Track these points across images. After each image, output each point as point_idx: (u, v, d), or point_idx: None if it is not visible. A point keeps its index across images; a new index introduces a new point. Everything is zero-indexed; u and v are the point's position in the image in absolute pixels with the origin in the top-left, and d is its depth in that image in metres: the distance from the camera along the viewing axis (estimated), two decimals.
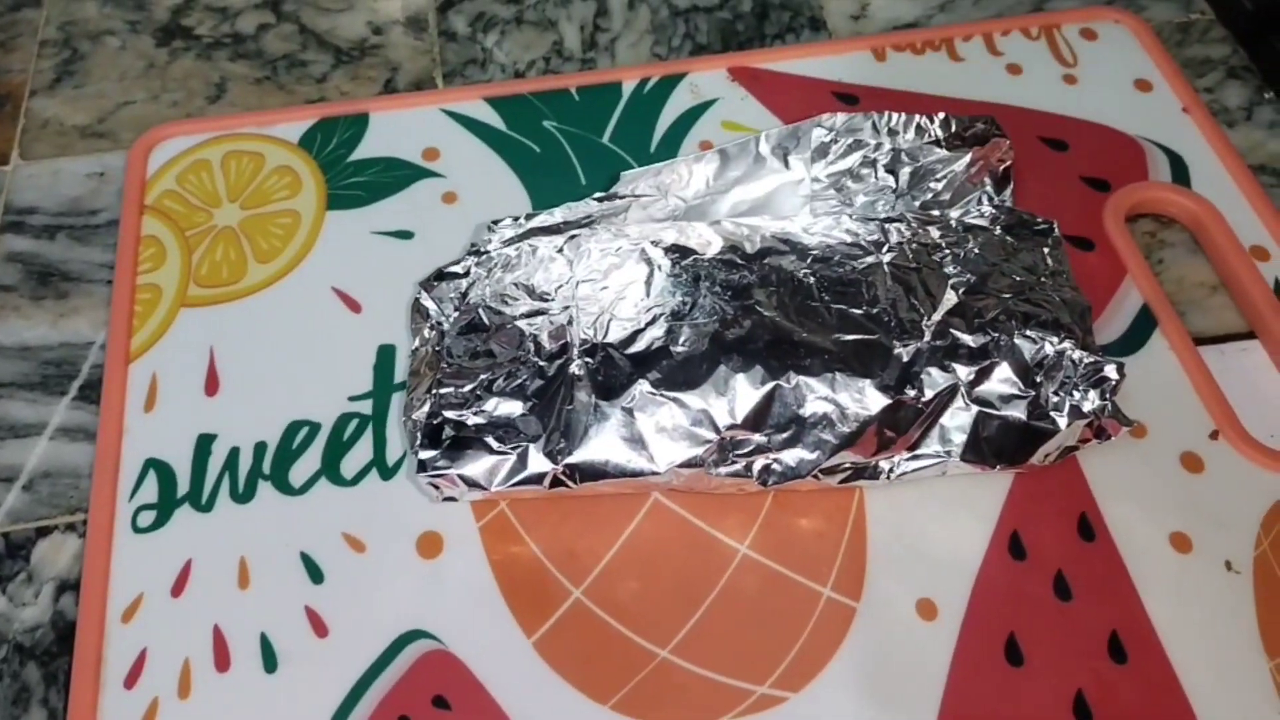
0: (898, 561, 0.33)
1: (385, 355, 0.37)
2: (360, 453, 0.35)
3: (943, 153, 0.39)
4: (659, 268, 0.36)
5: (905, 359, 0.33)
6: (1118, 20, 0.47)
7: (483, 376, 0.33)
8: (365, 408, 0.36)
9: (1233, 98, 0.46)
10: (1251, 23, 0.48)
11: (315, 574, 0.33)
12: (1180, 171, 0.42)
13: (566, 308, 0.35)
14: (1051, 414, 0.33)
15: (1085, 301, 0.36)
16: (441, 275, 0.36)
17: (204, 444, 0.35)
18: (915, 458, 0.33)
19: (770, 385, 0.33)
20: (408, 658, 0.31)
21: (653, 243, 0.37)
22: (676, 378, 0.33)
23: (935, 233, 0.37)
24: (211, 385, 0.37)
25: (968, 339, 0.34)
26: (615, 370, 0.33)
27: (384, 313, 0.38)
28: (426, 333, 0.35)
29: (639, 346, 0.34)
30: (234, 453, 0.35)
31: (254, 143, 0.43)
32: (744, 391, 0.32)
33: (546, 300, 0.35)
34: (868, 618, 0.32)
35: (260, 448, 0.35)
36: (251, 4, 0.49)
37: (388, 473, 0.35)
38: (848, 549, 0.33)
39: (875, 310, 0.35)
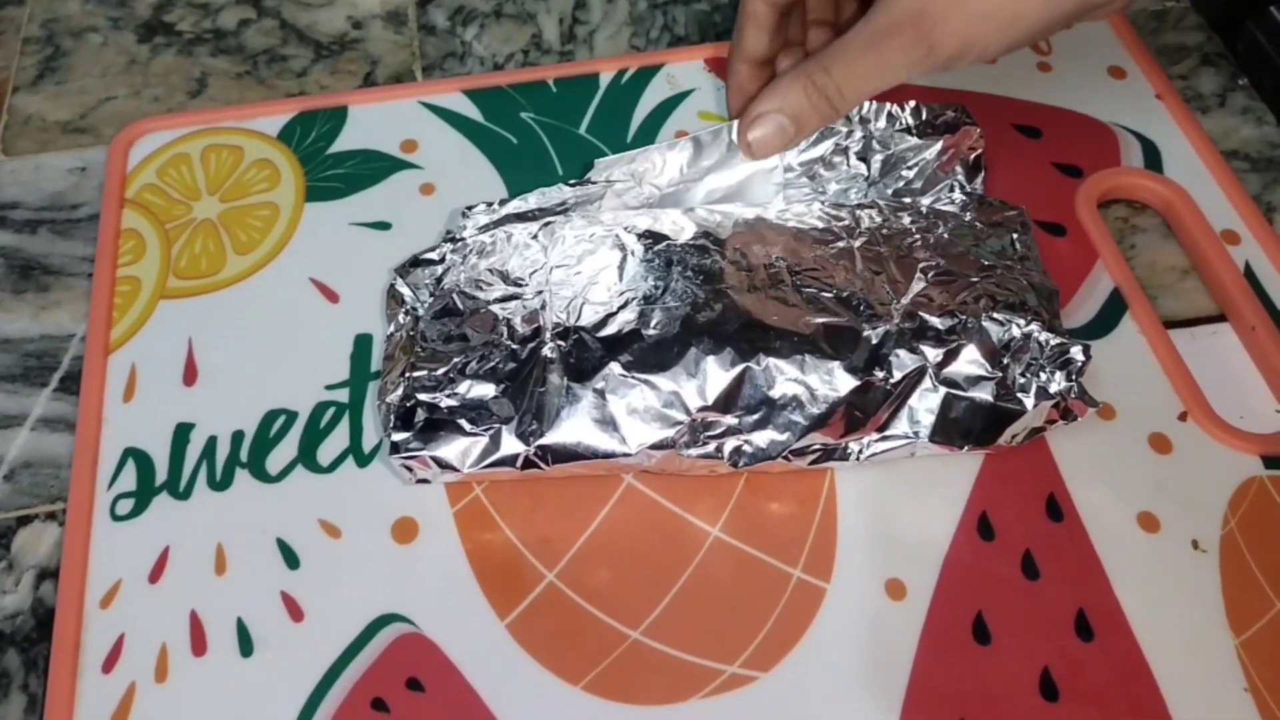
0: (867, 543, 0.33)
1: (362, 344, 0.37)
2: (337, 440, 0.35)
3: (914, 141, 0.39)
4: (632, 253, 0.36)
5: (874, 341, 0.34)
6: None
7: (456, 360, 0.34)
8: (342, 396, 0.36)
9: (1206, 84, 0.46)
10: (1225, 10, 0.48)
11: (291, 560, 0.33)
12: (1153, 157, 0.42)
13: (540, 292, 0.35)
14: (1018, 395, 0.33)
15: (1053, 285, 0.36)
16: (417, 262, 0.37)
17: (182, 433, 0.36)
18: (884, 439, 0.33)
19: (740, 367, 0.33)
20: (382, 641, 0.32)
21: (626, 229, 0.37)
22: (648, 360, 0.33)
23: (906, 218, 0.38)
24: (190, 375, 0.37)
25: (936, 321, 0.34)
26: (587, 353, 0.33)
27: (361, 303, 0.38)
28: (401, 318, 0.36)
29: (611, 329, 0.34)
30: (212, 441, 0.35)
31: (234, 136, 0.43)
32: (714, 373, 0.33)
33: (520, 285, 0.36)
34: (837, 598, 0.32)
35: (238, 436, 0.36)
36: (233, 0, 0.49)
37: (364, 460, 0.35)
38: (818, 531, 0.34)
39: (845, 294, 0.35)
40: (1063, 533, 0.33)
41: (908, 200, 0.39)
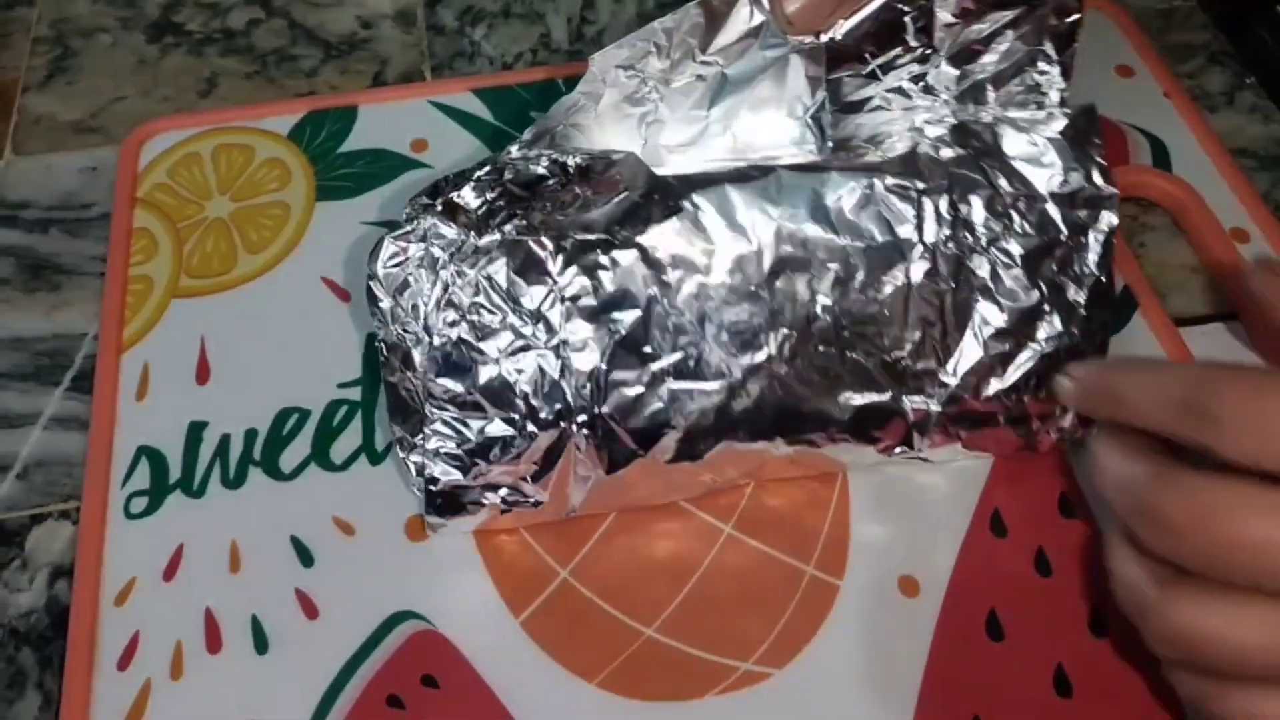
0: (880, 540, 0.33)
1: (374, 343, 0.37)
2: (349, 438, 0.35)
3: (989, 17, 0.33)
4: (655, 297, 0.31)
5: (912, 421, 0.32)
6: (1099, 8, 0.47)
7: (473, 439, 0.31)
8: (354, 394, 0.36)
9: (1214, 83, 0.46)
10: (1232, 8, 0.49)
11: (305, 557, 0.33)
12: (1161, 156, 0.42)
13: (555, 348, 0.31)
14: (1036, 441, 0.33)
15: (1107, 323, 0.33)
16: (395, 254, 0.31)
17: (195, 431, 0.36)
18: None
19: (776, 455, 0.32)
20: (397, 638, 0.32)
21: (637, 230, 0.31)
22: (681, 451, 0.31)
23: (979, 217, 0.32)
24: (203, 374, 0.37)
25: (978, 406, 0.32)
26: (618, 444, 0.31)
27: None
28: (393, 339, 0.31)
29: (641, 420, 0.31)
30: (225, 440, 0.36)
31: (244, 136, 0.43)
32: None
33: (527, 326, 0.31)
34: (850, 595, 0.32)
35: (251, 434, 0.36)
36: (241, 0, 0.49)
37: (376, 458, 0.35)
38: (831, 528, 0.34)
39: (891, 358, 0.32)
40: (1075, 529, 0.34)
41: (979, 128, 0.32)
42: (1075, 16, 0.33)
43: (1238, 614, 0.25)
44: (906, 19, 0.32)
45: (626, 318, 0.31)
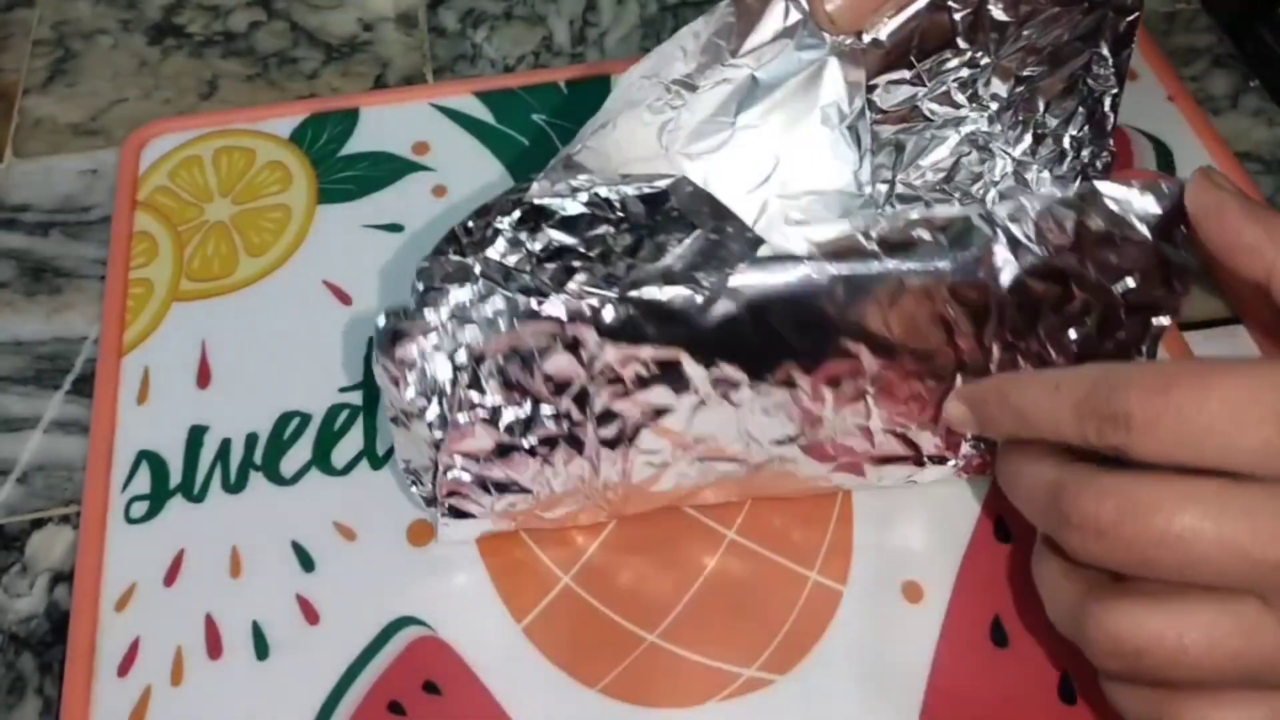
0: (883, 545, 0.33)
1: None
2: (351, 443, 0.35)
3: (1043, 16, 0.30)
4: (696, 392, 0.29)
5: (928, 471, 0.32)
6: None
7: (489, 493, 0.30)
8: (355, 399, 0.36)
9: (1218, 86, 0.46)
10: (1237, 12, 0.48)
11: (306, 562, 0.33)
12: (1165, 159, 0.42)
13: (580, 433, 0.29)
14: None
15: None
16: (398, 335, 0.28)
17: (196, 435, 0.36)
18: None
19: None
20: (398, 644, 0.32)
21: (723, 267, 0.28)
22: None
23: (1043, 316, 0.29)
24: (203, 378, 0.37)
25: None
26: (637, 501, 0.32)
27: (374, 305, 0.38)
28: (404, 403, 0.28)
29: (664, 486, 0.31)
30: (225, 444, 0.35)
31: (245, 138, 0.43)
32: None
33: (551, 407, 0.28)
34: (854, 601, 0.32)
35: (252, 439, 0.35)
36: (243, 2, 0.49)
37: (378, 462, 0.35)
38: (834, 533, 0.34)
39: (920, 430, 0.31)
40: None
41: (1066, 212, 0.29)
42: (1134, 16, 0.31)
43: (1175, 612, 0.24)
44: (956, 17, 0.30)
45: (658, 410, 0.29)
